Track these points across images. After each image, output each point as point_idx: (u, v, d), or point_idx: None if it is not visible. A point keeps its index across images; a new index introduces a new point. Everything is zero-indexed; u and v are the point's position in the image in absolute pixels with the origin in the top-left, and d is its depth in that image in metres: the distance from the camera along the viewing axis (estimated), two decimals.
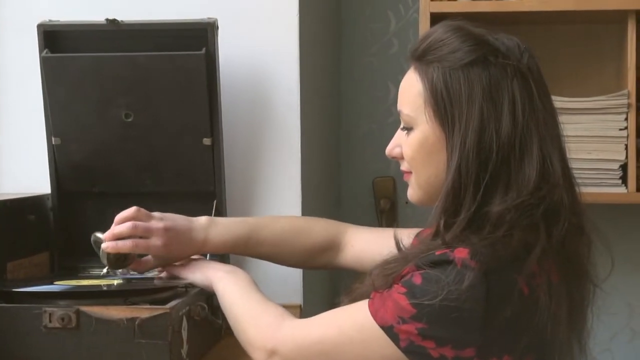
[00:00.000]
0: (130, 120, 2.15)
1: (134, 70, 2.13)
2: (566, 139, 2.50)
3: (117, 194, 2.22)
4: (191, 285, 1.99)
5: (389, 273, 1.61)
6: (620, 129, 2.45)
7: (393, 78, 2.75)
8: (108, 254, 2.00)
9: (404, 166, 1.74)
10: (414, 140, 1.67)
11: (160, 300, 1.87)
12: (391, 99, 2.75)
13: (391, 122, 2.75)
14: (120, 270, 2.04)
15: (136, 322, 1.78)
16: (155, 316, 1.79)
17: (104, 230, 2.04)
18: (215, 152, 2.16)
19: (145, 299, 1.87)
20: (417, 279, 1.54)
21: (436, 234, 1.63)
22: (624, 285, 2.74)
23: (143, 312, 1.80)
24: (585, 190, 2.45)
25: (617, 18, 2.48)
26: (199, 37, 2.11)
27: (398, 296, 1.55)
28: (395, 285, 1.57)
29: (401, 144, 1.72)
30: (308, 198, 2.33)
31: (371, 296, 1.61)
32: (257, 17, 2.28)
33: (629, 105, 2.44)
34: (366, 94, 2.77)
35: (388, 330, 1.56)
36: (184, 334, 1.88)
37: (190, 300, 1.93)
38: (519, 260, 1.54)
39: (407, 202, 2.72)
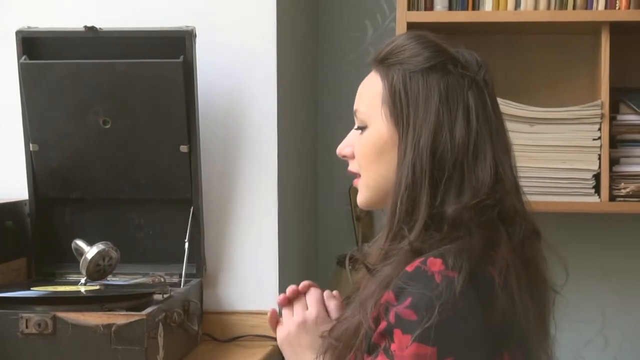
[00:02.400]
0: (108, 127, 2.15)
1: (112, 77, 2.13)
2: (541, 148, 2.53)
3: (95, 200, 2.24)
4: (167, 292, 2.01)
5: (370, 307, 1.54)
6: (594, 139, 2.46)
7: None
8: (88, 263, 2.02)
9: (352, 167, 1.72)
10: (367, 138, 1.66)
11: (137, 306, 1.88)
12: None
13: None
14: None
15: (112, 329, 1.80)
16: (131, 322, 1.80)
17: (84, 238, 2.06)
18: (192, 160, 2.16)
19: (122, 305, 1.88)
20: (408, 314, 1.49)
21: (394, 238, 1.60)
22: (597, 292, 2.76)
23: (119, 318, 1.81)
24: (559, 199, 2.48)
25: (591, 29, 2.49)
26: (177, 45, 2.12)
27: (414, 347, 1.48)
28: (397, 337, 1.48)
29: (353, 145, 1.71)
30: (284, 205, 2.34)
31: None
32: (235, 25, 2.28)
33: (602, 116, 2.45)
34: (343, 102, 2.78)
35: None
36: (160, 340, 1.89)
37: (166, 306, 1.94)
38: (488, 254, 1.54)
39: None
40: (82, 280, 2.05)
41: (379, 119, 1.64)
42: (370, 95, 1.67)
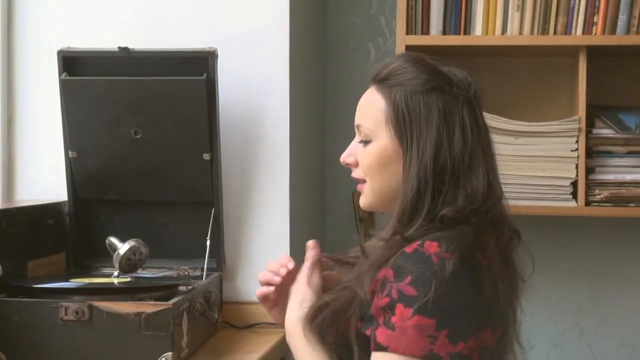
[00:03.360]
0: (138, 136, 2.15)
1: (142, 92, 2.13)
2: (524, 158, 2.53)
3: (126, 201, 2.23)
4: (190, 284, 2.00)
5: (367, 281, 1.57)
6: (572, 150, 2.45)
7: None
8: (120, 258, 2.02)
9: (357, 174, 1.73)
10: (373, 151, 1.67)
11: (164, 297, 1.88)
12: None
13: None
14: None
15: (142, 316, 1.79)
16: (159, 311, 1.80)
17: (116, 235, 2.06)
18: (213, 166, 2.16)
19: (150, 295, 1.88)
20: (409, 290, 1.50)
21: (393, 236, 1.62)
22: (572, 287, 2.75)
23: (148, 307, 1.81)
24: (540, 204, 2.48)
25: (570, 53, 2.49)
26: (201, 63, 2.11)
27: (415, 318, 1.49)
28: (399, 311, 1.49)
29: (355, 154, 1.71)
30: (295, 208, 2.34)
31: (383, 343, 1.51)
32: (253, 47, 2.28)
33: (579, 130, 2.45)
34: (348, 116, 2.77)
35: (432, 357, 1.48)
36: (184, 326, 1.89)
37: (190, 297, 1.94)
38: (478, 244, 1.56)
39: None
40: (115, 273, 2.04)
41: (383, 134, 1.66)
42: (374, 112, 1.68)
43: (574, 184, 2.48)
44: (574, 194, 2.48)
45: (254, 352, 2.02)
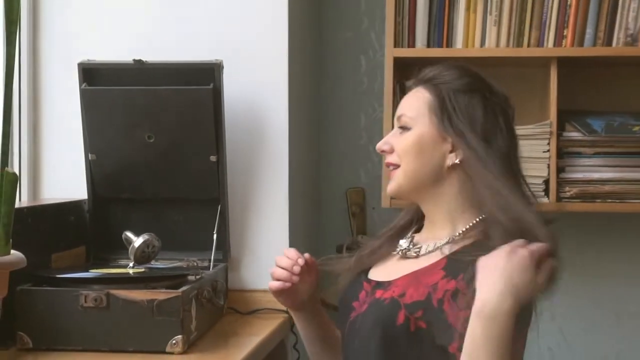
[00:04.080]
0: (151, 140, 2.16)
1: (155, 100, 2.14)
2: None
3: (141, 199, 2.24)
4: (199, 274, 2.01)
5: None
6: (544, 151, 2.46)
7: (364, 109, 2.77)
8: (135, 250, 2.03)
9: (392, 159, 1.69)
10: (410, 136, 1.66)
11: (174, 285, 1.88)
12: (362, 125, 2.76)
13: (362, 144, 2.77)
14: None
15: (154, 303, 1.80)
16: (170, 298, 1.81)
17: (132, 230, 2.07)
18: (219, 167, 2.16)
19: (162, 284, 1.88)
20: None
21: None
22: None
23: (160, 295, 1.81)
24: None
25: (542, 63, 2.50)
26: (208, 74, 2.12)
27: None
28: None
29: (391, 142, 1.69)
30: (294, 204, 2.34)
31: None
32: (256, 59, 2.29)
33: (551, 133, 2.45)
34: (342, 121, 2.79)
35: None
36: (193, 312, 1.89)
37: (198, 285, 1.95)
38: None
39: (373, 208, 2.73)
40: (131, 264, 2.05)
41: (423, 122, 1.65)
42: (418, 104, 1.67)
43: (546, 182, 2.48)
44: (546, 191, 2.49)
45: (257, 335, 2.03)
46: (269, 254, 2.27)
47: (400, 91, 2.52)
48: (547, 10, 2.45)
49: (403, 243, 1.72)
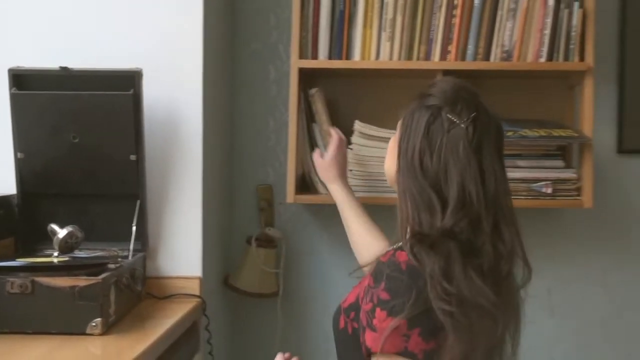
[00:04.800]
0: (76, 141, 2.14)
1: (80, 104, 2.12)
2: None
3: (66, 194, 2.22)
4: (118, 263, 2.00)
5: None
6: None
7: (272, 114, 2.78)
8: (59, 241, 2.01)
9: None
10: (391, 139, 1.74)
11: (95, 273, 1.88)
12: (270, 128, 2.77)
13: (270, 145, 2.78)
14: None
15: (76, 289, 1.80)
16: (90, 284, 1.81)
17: (57, 222, 2.06)
18: (139, 165, 2.16)
19: (84, 272, 1.88)
20: (384, 295, 1.44)
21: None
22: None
23: (82, 281, 1.81)
24: None
25: (430, 75, 2.48)
26: (129, 81, 2.12)
27: (389, 320, 1.42)
28: (377, 314, 1.44)
29: None
30: (207, 199, 2.35)
31: (368, 345, 1.46)
32: (173, 67, 2.29)
33: None
34: (252, 124, 2.80)
35: (407, 354, 1.43)
36: (112, 297, 1.89)
37: (117, 273, 1.95)
38: None
39: (280, 203, 2.75)
40: (55, 254, 2.04)
41: (397, 131, 1.66)
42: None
43: None
44: None
45: (171, 317, 2.03)
46: (183, 244, 2.28)
47: (304, 98, 2.55)
48: (434, 28, 2.48)
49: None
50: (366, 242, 2.13)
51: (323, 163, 2.34)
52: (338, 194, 2.27)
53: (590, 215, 2.69)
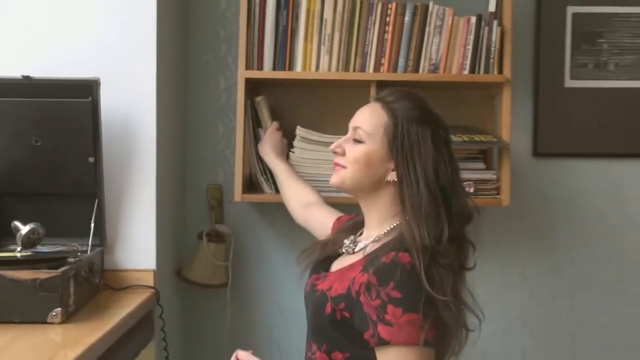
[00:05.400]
0: (38, 144, 2.13)
1: (41, 111, 2.11)
2: (332, 161, 2.53)
3: (28, 194, 2.20)
4: (77, 257, 1.99)
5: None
6: None
7: (221, 120, 2.78)
8: (22, 237, 1.99)
9: (341, 161, 1.70)
10: (362, 150, 1.65)
11: (56, 266, 1.87)
12: (220, 133, 2.77)
13: (220, 148, 2.78)
14: None
15: (38, 282, 1.79)
16: (51, 277, 1.80)
17: (20, 219, 2.04)
18: (97, 167, 2.15)
19: (45, 265, 1.87)
20: (395, 294, 1.49)
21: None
22: None
23: (43, 274, 1.80)
24: (346, 195, 2.50)
25: (365, 85, 2.54)
26: (87, 89, 2.10)
27: (406, 317, 1.48)
28: (390, 310, 1.48)
29: (344, 147, 1.70)
30: (161, 198, 2.34)
31: (386, 338, 1.49)
32: (129, 77, 2.28)
33: None
34: (204, 129, 2.80)
35: (426, 343, 1.49)
36: (71, 288, 1.88)
37: (76, 266, 1.94)
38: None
39: (229, 202, 2.75)
40: (18, 249, 2.02)
41: (377, 140, 1.63)
42: (375, 122, 1.64)
43: None
44: None
45: (127, 307, 2.03)
46: (138, 239, 2.28)
47: (251, 105, 2.55)
48: (368, 43, 2.50)
49: (346, 241, 1.74)
50: (295, 191, 2.32)
51: (261, 141, 2.48)
52: (271, 161, 2.43)
53: (509, 212, 2.73)
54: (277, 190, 2.50)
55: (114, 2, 2.29)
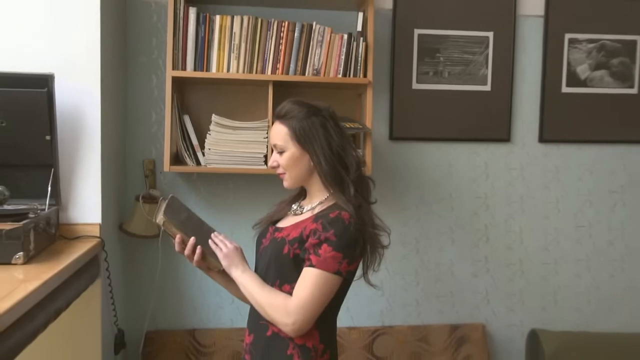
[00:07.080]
0: (4, 125, 2.06)
1: (6, 98, 2.04)
2: (238, 142, 2.55)
3: None
4: (37, 213, 1.94)
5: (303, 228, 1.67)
6: (264, 137, 2.52)
7: (154, 109, 2.74)
8: None
9: (280, 170, 1.76)
10: (287, 157, 1.72)
11: (19, 220, 1.84)
12: (153, 119, 2.74)
13: (153, 131, 2.74)
14: None
15: (3, 232, 1.75)
16: (14, 228, 1.77)
17: None
18: (52, 143, 2.10)
19: (10, 219, 1.83)
20: (331, 237, 1.60)
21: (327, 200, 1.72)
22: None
23: (7, 226, 1.77)
24: (246, 167, 2.54)
25: (265, 84, 2.55)
26: (44, 81, 2.05)
27: (332, 254, 1.59)
28: (324, 248, 1.59)
29: (277, 160, 1.74)
30: (105, 169, 2.32)
31: (313, 263, 1.60)
32: (79, 72, 2.23)
33: (267, 127, 2.51)
34: (140, 116, 2.76)
35: (338, 272, 1.61)
36: (32, 237, 1.85)
37: (35, 220, 1.90)
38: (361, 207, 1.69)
39: (160, 172, 2.72)
40: None
41: (290, 146, 1.70)
42: (282, 135, 1.71)
43: (265, 156, 2.54)
44: (265, 162, 2.55)
45: (77, 252, 2.01)
46: (87, 200, 2.25)
47: (177, 98, 2.53)
48: (267, 51, 2.52)
49: (294, 206, 1.83)
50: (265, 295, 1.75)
51: (228, 251, 1.75)
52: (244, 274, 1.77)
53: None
54: (198, 164, 2.50)
55: (64, 16, 2.22)
